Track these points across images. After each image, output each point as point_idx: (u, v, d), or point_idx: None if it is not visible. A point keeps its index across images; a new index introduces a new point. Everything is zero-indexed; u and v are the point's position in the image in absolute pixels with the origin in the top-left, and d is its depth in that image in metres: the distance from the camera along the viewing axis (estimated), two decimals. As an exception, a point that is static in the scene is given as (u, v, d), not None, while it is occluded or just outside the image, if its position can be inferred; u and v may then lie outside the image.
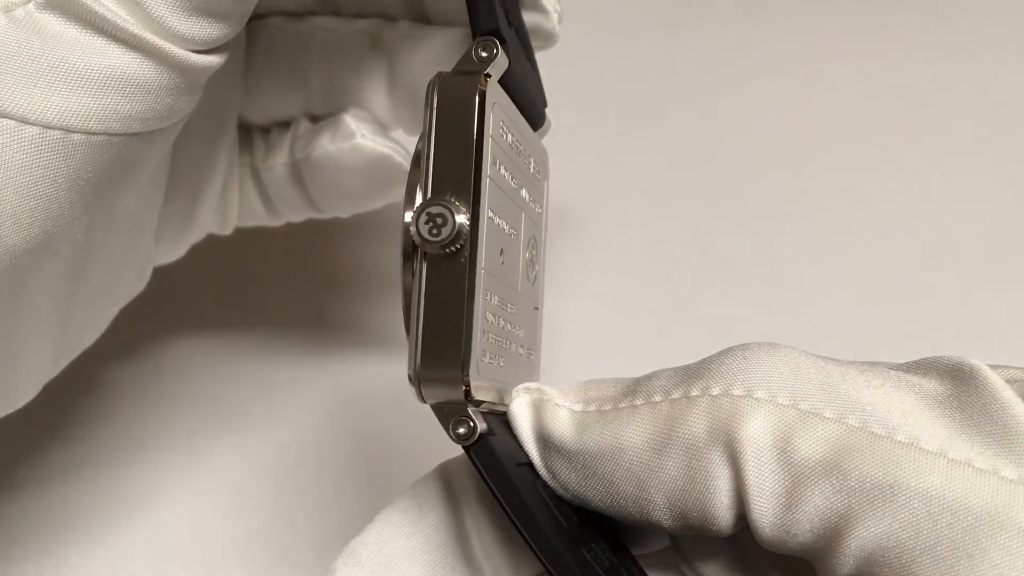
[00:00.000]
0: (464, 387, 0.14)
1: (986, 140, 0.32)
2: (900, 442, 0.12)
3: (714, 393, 0.14)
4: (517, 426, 0.15)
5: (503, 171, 0.16)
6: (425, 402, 0.15)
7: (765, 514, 0.13)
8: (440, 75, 0.15)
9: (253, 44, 0.22)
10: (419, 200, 0.15)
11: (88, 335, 0.20)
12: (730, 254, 0.30)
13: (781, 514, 0.13)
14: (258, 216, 0.24)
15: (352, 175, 0.22)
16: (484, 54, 0.16)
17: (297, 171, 0.23)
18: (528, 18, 0.20)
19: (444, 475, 0.16)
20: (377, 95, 0.22)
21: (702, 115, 0.33)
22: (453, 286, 0.15)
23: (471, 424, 0.14)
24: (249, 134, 0.24)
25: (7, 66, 0.15)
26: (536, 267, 0.19)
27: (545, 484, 0.15)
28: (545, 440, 0.15)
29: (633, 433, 0.14)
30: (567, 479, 0.15)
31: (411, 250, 0.15)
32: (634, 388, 0.15)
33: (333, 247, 0.30)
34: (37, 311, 0.17)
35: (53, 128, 0.15)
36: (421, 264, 0.15)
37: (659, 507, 0.14)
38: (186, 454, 0.26)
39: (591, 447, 0.14)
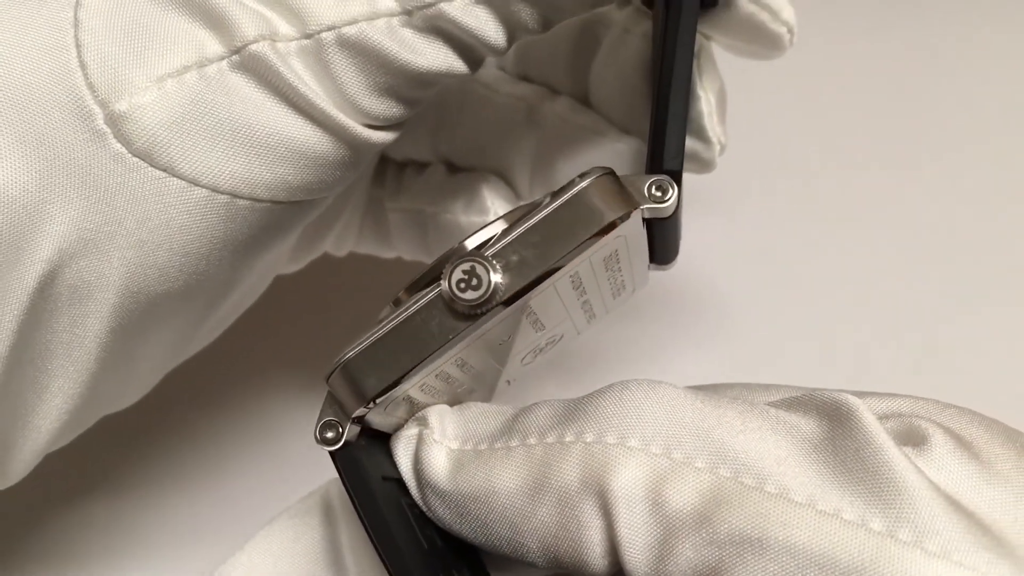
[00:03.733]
0: (361, 411, 0.14)
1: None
2: (769, 493, 0.12)
3: (588, 440, 0.13)
4: (397, 459, 0.15)
5: (577, 288, 0.15)
6: (327, 379, 0.14)
7: (638, 566, 0.13)
8: (606, 174, 0.14)
9: None
10: (482, 240, 0.14)
11: (198, 349, 0.21)
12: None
13: (654, 566, 0.13)
14: (371, 246, 0.24)
15: None
16: (657, 194, 0.15)
17: (422, 221, 0.22)
18: (688, 143, 0.19)
19: (326, 495, 0.16)
20: (520, 167, 0.22)
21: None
22: (434, 338, 0.14)
23: (339, 431, 0.14)
24: (383, 165, 0.23)
25: (188, 125, 0.15)
26: (538, 357, 0.18)
27: (412, 504, 0.15)
28: (421, 477, 0.15)
29: (506, 477, 0.14)
30: (442, 516, 0.14)
31: (436, 275, 0.14)
32: (512, 425, 0.14)
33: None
34: (159, 343, 0.18)
35: (221, 193, 0.15)
36: (428, 293, 0.14)
37: (533, 551, 0.14)
38: (268, 484, 0.26)
39: (464, 489, 0.14)
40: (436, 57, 0.15)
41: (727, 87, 0.20)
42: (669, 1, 0.17)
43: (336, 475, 0.15)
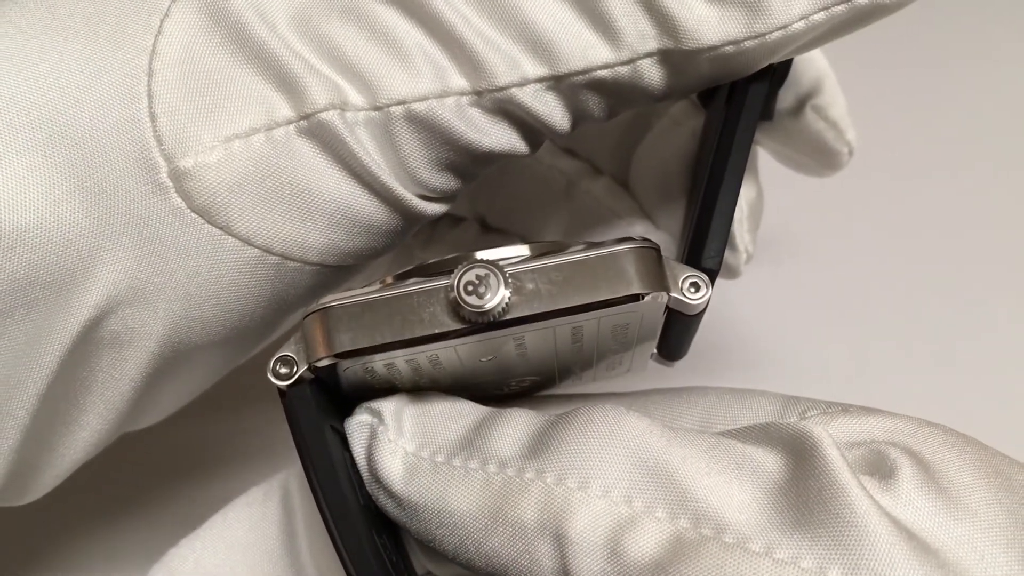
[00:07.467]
0: (324, 361, 0.13)
1: None
2: (727, 544, 0.12)
3: (548, 480, 0.13)
4: (352, 444, 0.14)
5: (576, 342, 0.15)
6: (304, 316, 0.14)
7: None
8: (652, 248, 0.14)
9: None
10: (497, 257, 0.14)
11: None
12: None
13: None
14: None
15: None
16: (691, 290, 0.14)
17: None
18: None
19: (285, 483, 0.16)
20: (550, 238, 0.22)
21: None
22: (421, 326, 0.13)
23: (294, 369, 0.13)
24: None
25: (250, 187, 0.15)
26: (513, 390, 0.17)
27: (353, 462, 0.14)
28: (373, 473, 0.14)
29: (461, 500, 0.13)
30: (390, 512, 0.14)
31: (448, 268, 0.13)
32: (473, 439, 0.14)
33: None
34: (189, 382, 0.18)
35: (273, 254, 0.15)
36: (434, 280, 0.13)
37: (478, 568, 0.13)
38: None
39: (416, 499, 0.14)
40: (500, 138, 0.16)
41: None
42: (733, 102, 0.17)
43: (297, 464, 0.14)
